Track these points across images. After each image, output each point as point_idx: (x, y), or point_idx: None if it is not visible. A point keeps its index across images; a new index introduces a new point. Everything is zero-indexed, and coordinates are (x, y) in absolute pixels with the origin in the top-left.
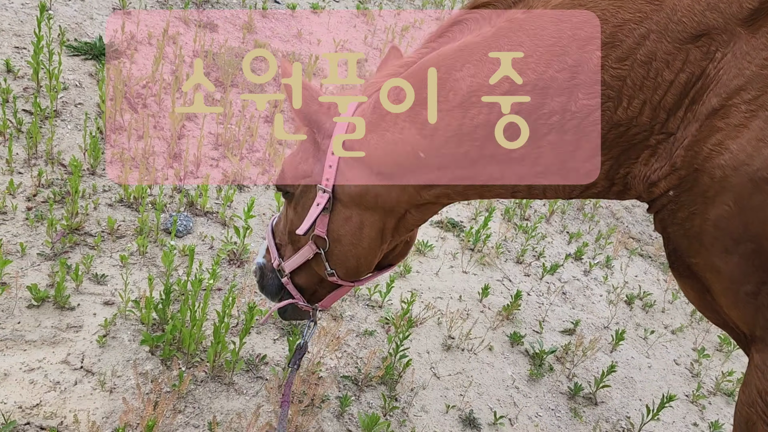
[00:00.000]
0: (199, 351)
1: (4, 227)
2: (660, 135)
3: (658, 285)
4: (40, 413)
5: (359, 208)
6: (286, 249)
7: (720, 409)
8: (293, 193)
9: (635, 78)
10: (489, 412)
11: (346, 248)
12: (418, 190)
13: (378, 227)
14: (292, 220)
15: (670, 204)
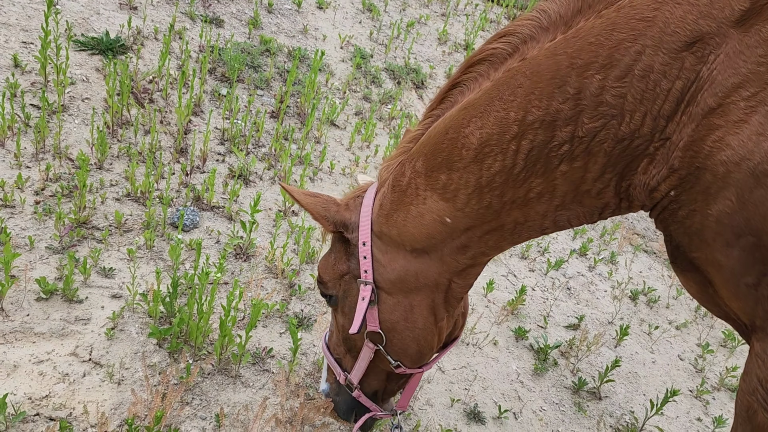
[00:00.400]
0: (206, 344)
1: (12, 221)
2: (658, 142)
3: (663, 281)
4: (49, 404)
5: (404, 291)
6: (346, 359)
7: (724, 404)
8: (336, 295)
9: (635, 93)
10: (494, 406)
11: (404, 335)
12: (454, 257)
13: (428, 305)
14: (343, 325)
15: (671, 204)
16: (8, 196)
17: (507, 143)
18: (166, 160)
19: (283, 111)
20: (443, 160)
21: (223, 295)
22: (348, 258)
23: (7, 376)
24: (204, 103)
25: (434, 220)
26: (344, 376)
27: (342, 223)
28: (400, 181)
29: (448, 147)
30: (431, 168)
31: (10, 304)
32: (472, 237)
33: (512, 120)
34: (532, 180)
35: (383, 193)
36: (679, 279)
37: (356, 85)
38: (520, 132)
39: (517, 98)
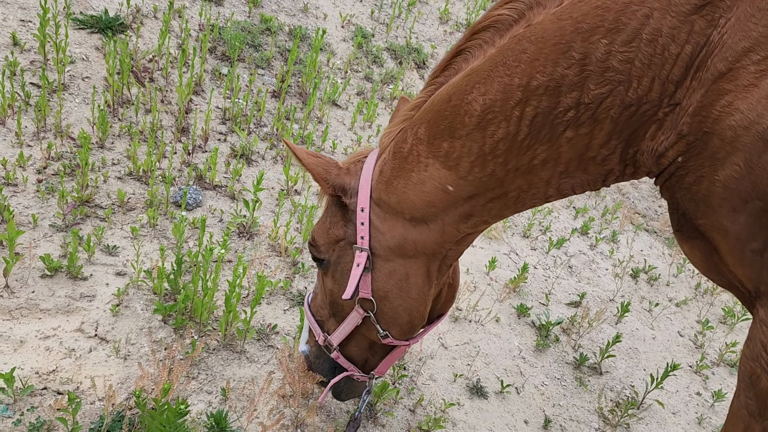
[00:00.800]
0: (210, 320)
1: (15, 199)
2: (667, 108)
3: (663, 259)
4: (56, 379)
5: (401, 259)
6: (329, 322)
7: (723, 379)
8: (328, 260)
9: (643, 58)
10: (496, 381)
11: (396, 303)
12: (455, 226)
13: (423, 273)
14: (331, 290)
15: (678, 171)
16: (10, 174)
17: (511, 109)
18: (168, 139)
19: (285, 90)
20: (446, 128)
21: (227, 273)
22: (345, 223)
23: (14, 352)
24: (205, 82)
25: (436, 188)
26: (324, 337)
27: (341, 187)
28: (402, 147)
29: (451, 114)
30: (433, 135)
31: (15, 281)
32: (475, 205)
33: (516, 86)
34: (537, 147)
35: (384, 159)
36: (683, 248)
37: (358, 64)
38: (524, 98)
39: (521, 64)
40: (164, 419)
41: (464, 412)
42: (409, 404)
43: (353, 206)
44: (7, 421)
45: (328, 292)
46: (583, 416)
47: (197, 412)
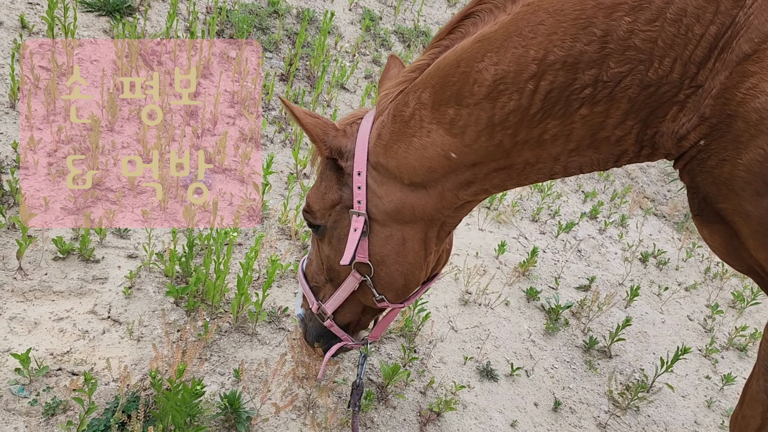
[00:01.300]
0: (222, 303)
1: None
2: (689, 89)
3: (673, 243)
4: (70, 360)
5: (398, 224)
6: (324, 289)
7: (732, 363)
8: (324, 225)
9: (665, 38)
10: (506, 364)
11: (392, 268)
12: (455, 192)
13: (420, 238)
14: (328, 256)
15: (700, 154)
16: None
17: (524, 82)
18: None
19: (293, 74)
20: (452, 94)
21: (237, 256)
22: (340, 187)
23: (29, 333)
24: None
25: (438, 154)
26: (317, 305)
27: (338, 149)
28: (403, 111)
29: (458, 81)
30: (439, 101)
31: (28, 263)
32: (477, 174)
33: (531, 58)
34: (549, 122)
35: (382, 122)
36: (702, 233)
37: (365, 48)
38: (540, 72)
39: (537, 36)
40: (180, 399)
41: (474, 395)
42: (420, 386)
43: (349, 170)
44: (24, 401)
45: (324, 257)
46: (592, 399)
47: (210, 393)
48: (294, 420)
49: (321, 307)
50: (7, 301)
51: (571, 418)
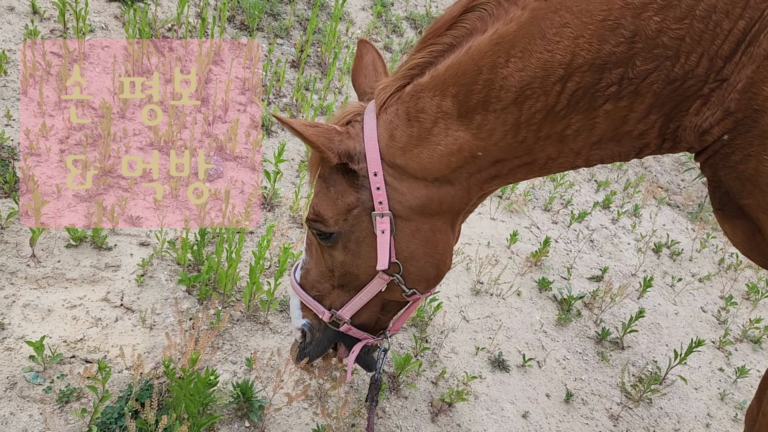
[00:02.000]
0: (234, 291)
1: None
2: (714, 83)
3: (686, 234)
4: (84, 347)
5: (425, 217)
6: (333, 295)
7: (746, 355)
8: (339, 232)
9: (694, 34)
10: (518, 355)
11: (423, 261)
12: (480, 186)
13: (447, 227)
14: (343, 262)
15: (724, 149)
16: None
17: (551, 85)
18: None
19: (304, 60)
20: (479, 102)
21: (249, 244)
22: (356, 190)
23: (42, 320)
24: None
25: (465, 156)
26: (329, 314)
27: (346, 153)
28: (420, 118)
29: (484, 89)
30: (466, 110)
31: (41, 250)
32: (501, 169)
33: (558, 63)
34: (572, 116)
35: (391, 122)
36: (724, 228)
37: (377, 34)
38: (567, 75)
39: (563, 40)
40: (193, 389)
41: (486, 385)
42: (432, 377)
43: (363, 171)
44: (38, 388)
45: (337, 264)
46: (605, 390)
47: (223, 381)
48: (306, 409)
49: (336, 314)
50: (21, 288)
51: (583, 409)
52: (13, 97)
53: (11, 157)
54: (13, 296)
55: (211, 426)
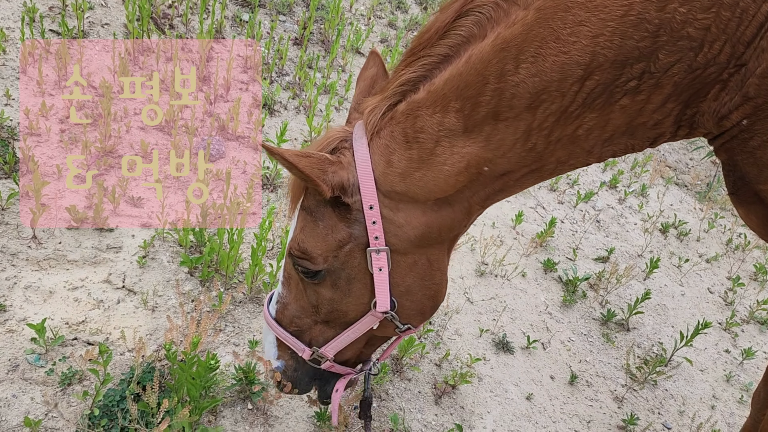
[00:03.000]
0: (236, 273)
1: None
2: (733, 68)
3: (694, 214)
4: (86, 329)
5: (422, 248)
6: (314, 332)
7: (753, 336)
8: (327, 269)
9: (720, 23)
10: (522, 337)
11: (419, 295)
12: (482, 203)
13: (444, 255)
14: (331, 299)
15: (742, 133)
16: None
17: (569, 87)
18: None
19: (307, 38)
20: (487, 114)
21: (251, 225)
22: (348, 225)
23: (44, 302)
24: (225, 29)
25: (471, 173)
26: (310, 351)
27: (340, 185)
28: (420, 138)
29: (493, 99)
30: (473, 125)
31: (42, 231)
32: (508, 181)
33: (575, 63)
34: (586, 115)
35: (387, 146)
36: (739, 212)
37: (381, 10)
38: (586, 75)
39: (580, 39)
40: (195, 372)
41: (490, 367)
42: (435, 359)
43: (357, 205)
44: (40, 370)
45: (324, 301)
46: (609, 372)
47: (225, 364)
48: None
49: (317, 352)
50: (22, 270)
51: (587, 391)
52: (13, 77)
53: (11, 137)
54: (15, 278)
55: (214, 408)
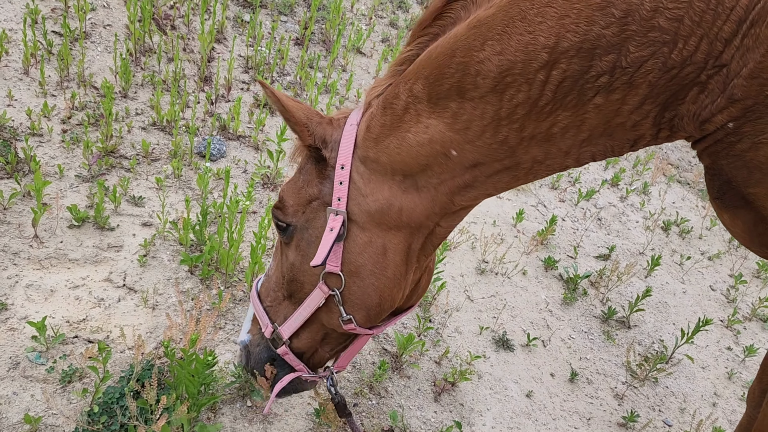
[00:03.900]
0: (236, 271)
1: (41, 149)
2: (711, 69)
3: (696, 211)
4: (86, 327)
5: (380, 229)
6: (281, 309)
7: (755, 333)
8: (295, 225)
9: (693, 15)
10: (522, 334)
11: (367, 282)
12: (450, 197)
13: (403, 249)
14: (293, 263)
15: (728, 137)
16: (35, 124)
17: (534, 72)
18: (191, 88)
19: (308, 38)
20: (452, 87)
21: (252, 224)
22: (321, 181)
23: (45, 301)
24: (227, 29)
25: (436, 151)
26: (272, 328)
27: (322, 137)
28: (394, 103)
29: (457, 73)
30: (437, 95)
31: (44, 231)
32: (478, 176)
33: (541, 46)
34: (559, 113)
35: (371, 114)
36: (722, 218)
37: (382, 10)
38: (552, 60)
39: (546, 20)
40: (193, 369)
41: (490, 365)
42: (435, 356)
43: (333, 161)
44: (41, 368)
45: (288, 266)
46: (610, 370)
47: (225, 361)
48: None
49: (276, 330)
50: (24, 269)
51: (587, 388)
52: (15, 77)
53: (13, 137)
54: (16, 276)
55: (213, 406)
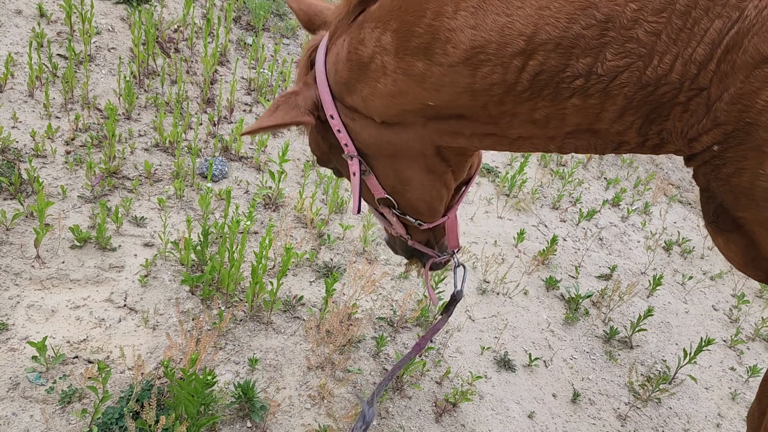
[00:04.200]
0: (237, 291)
1: (44, 170)
2: (690, 91)
3: (698, 231)
4: (87, 348)
5: (385, 157)
6: None
7: (759, 354)
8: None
9: (671, 32)
10: (524, 354)
11: (407, 196)
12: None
13: (419, 166)
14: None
15: (714, 159)
16: (39, 146)
17: (510, 57)
18: (194, 110)
19: None
20: (419, 47)
21: (253, 244)
22: (326, 132)
23: (46, 321)
24: (230, 52)
25: (411, 101)
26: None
27: (313, 106)
28: (359, 50)
29: (426, 34)
30: (404, 50)
31: (46, 251)
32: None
33: (518, 33)
34: (538, 102)
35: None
36: (717, 242)
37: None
38: (529, 50)
39: (525, 7)
40: (192, 389)
41: (491, 385)
42: (436, 376)
43: (324, 116)
44: (40, 388)
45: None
46: (612, 390)
47: (225, 382)
48: (308, 409)
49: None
50: (25, 289)
51: (590, 409)
52: (20, 100)
53: (17, 158)
54: (18, 297)
55: (212, 426)
